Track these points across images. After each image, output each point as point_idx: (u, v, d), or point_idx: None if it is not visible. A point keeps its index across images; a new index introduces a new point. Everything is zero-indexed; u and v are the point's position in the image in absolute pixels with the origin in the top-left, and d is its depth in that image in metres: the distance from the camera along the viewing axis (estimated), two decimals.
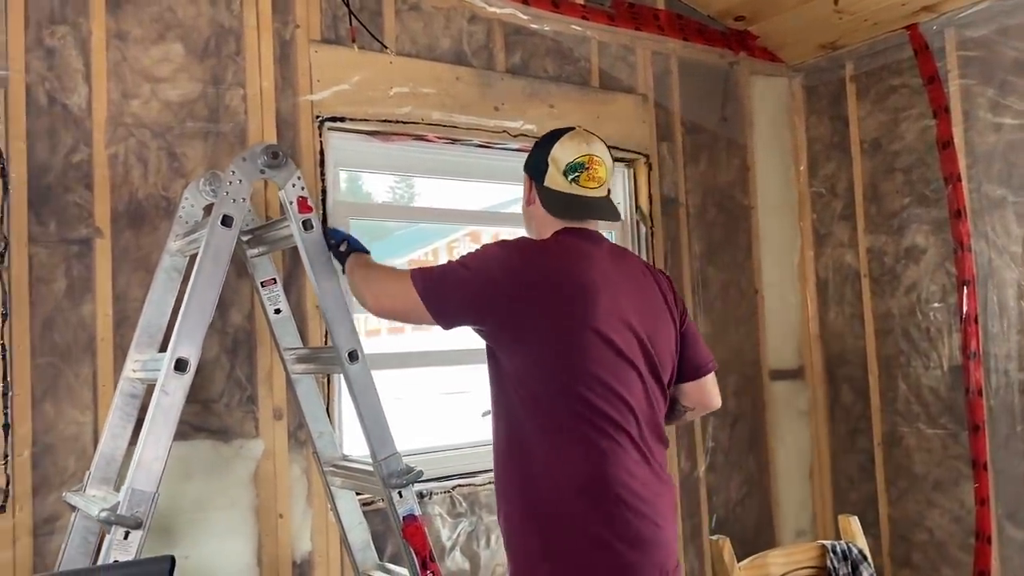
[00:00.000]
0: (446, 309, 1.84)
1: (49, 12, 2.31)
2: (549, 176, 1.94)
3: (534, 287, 1.78)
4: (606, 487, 1.74)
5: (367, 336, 3.09)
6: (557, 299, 1.77)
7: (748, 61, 3.85)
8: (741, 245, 3.77)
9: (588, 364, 1.75)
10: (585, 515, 1.74)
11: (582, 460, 1.75)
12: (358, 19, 2.79)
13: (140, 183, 2.40)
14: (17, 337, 2.20)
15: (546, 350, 1.77)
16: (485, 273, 1.81)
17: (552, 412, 1.77)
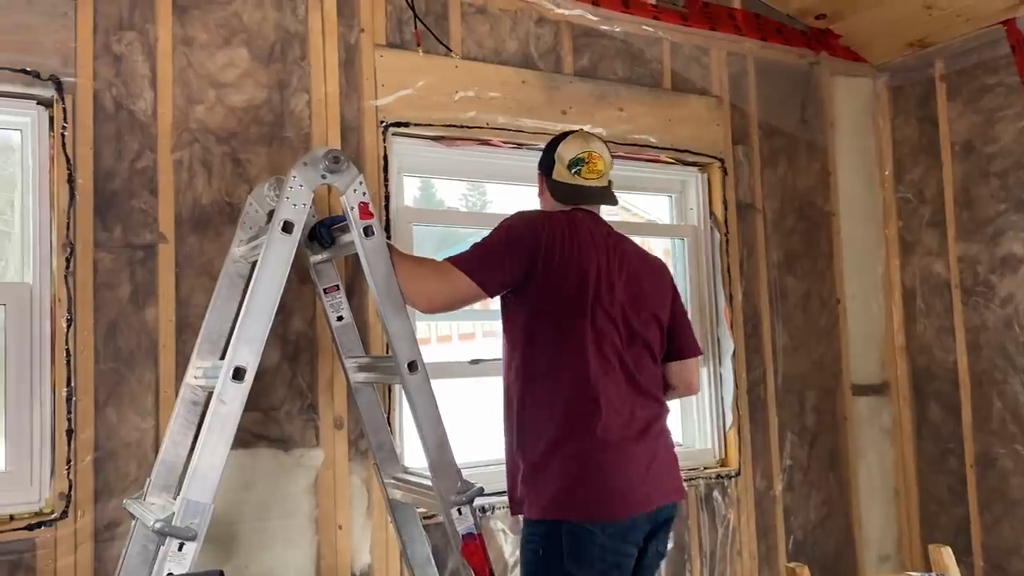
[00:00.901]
0: (493, 276, 2.07)
1: (117, 19, 2.32)
2: (556, 170, 2.28)
3: (552, 236, 2.10)
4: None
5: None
6: (567, 247, 2.09)
7: (830, 61, 3.68)
8: (822, 253, 3.59)
9: (586, 297, 2.09)
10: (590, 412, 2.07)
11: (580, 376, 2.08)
12: (423, 23, 2.74)
13: (204, 189, 2.39)
14: (81, 342, 2.20)
15: (563, 282, 2.08)
16: (515, 234, 2.10)
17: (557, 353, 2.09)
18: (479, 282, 2.06)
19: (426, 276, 2.11)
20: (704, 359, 3.30)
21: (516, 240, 2.10)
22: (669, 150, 3.24)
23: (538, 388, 2.10)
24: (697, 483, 3.16)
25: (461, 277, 2.05)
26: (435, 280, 2.09)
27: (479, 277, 2.06)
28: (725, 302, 3.31)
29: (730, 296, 3.32)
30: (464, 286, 2.06)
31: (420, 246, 2.72)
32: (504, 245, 2.09)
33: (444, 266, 2.09)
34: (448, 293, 2.09)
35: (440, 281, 2.08)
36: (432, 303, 2.12)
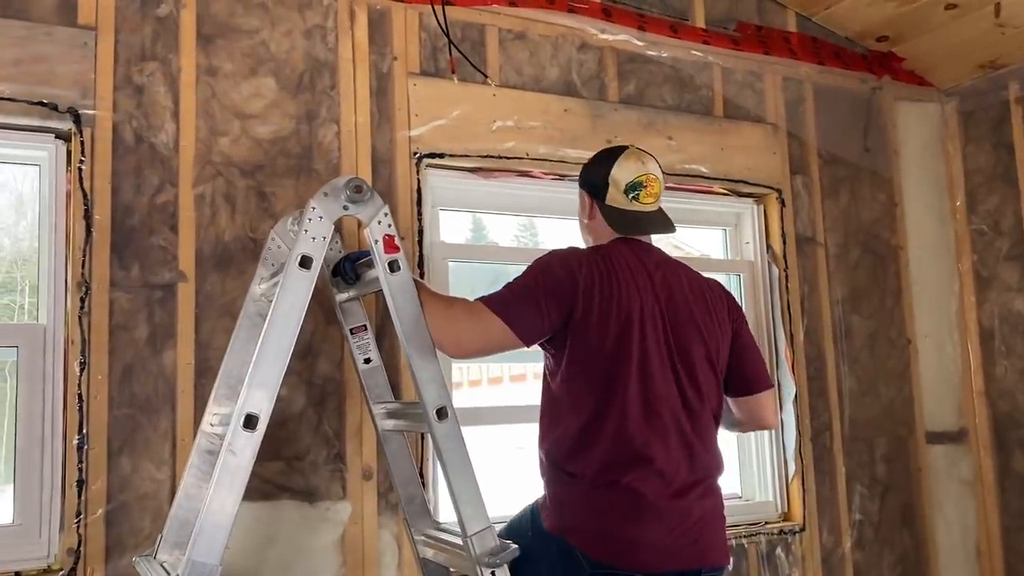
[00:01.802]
0: (530, 321, 1.89)
1: (139, 49, 2.23)
2: (610, 195, 2.07)
3: (591, 278, 1.92)
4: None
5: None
6: (607, 288, 1.91)
7: (893, 85, 3.47)
8: (890, 290, 3.34)
9: (631, 346, 1.90)
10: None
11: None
12: (459, 50, 2.61)
13: (227, 224, 2.27)
14: (95, 387, 2.08)
15: (603, 327, 1.90)
16: (552, 275, 1.92)
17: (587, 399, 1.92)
18: (514, 327, 1.87)
19: (457, 317, 1.91)
20: None
21: (553, 282, 1.91)
22: (722, 180, 3.05)
23: (571, 438, 1.91)
24: (758, 539, 2.91)
25: (494, 320, 1.87)
26: (466, 322, 1.90)
27: (515, 321, 1.87)
28: (785, 342, 3.08)
29: (791, 336, 3.08)
30: (498, 330, 1.87)
31: (472, 286, 2.56)
32: (540, 288, 1.90)
33: (476, 307, 1.90)
34: (480, 337, 1.90)
35: (471, 323, 1.89)
36: (461, 347, 1.92)
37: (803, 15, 3.32)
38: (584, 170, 2.17)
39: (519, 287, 1.93)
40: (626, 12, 2.93)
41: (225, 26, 2.34)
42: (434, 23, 2.59)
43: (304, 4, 2.45)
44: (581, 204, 2.17)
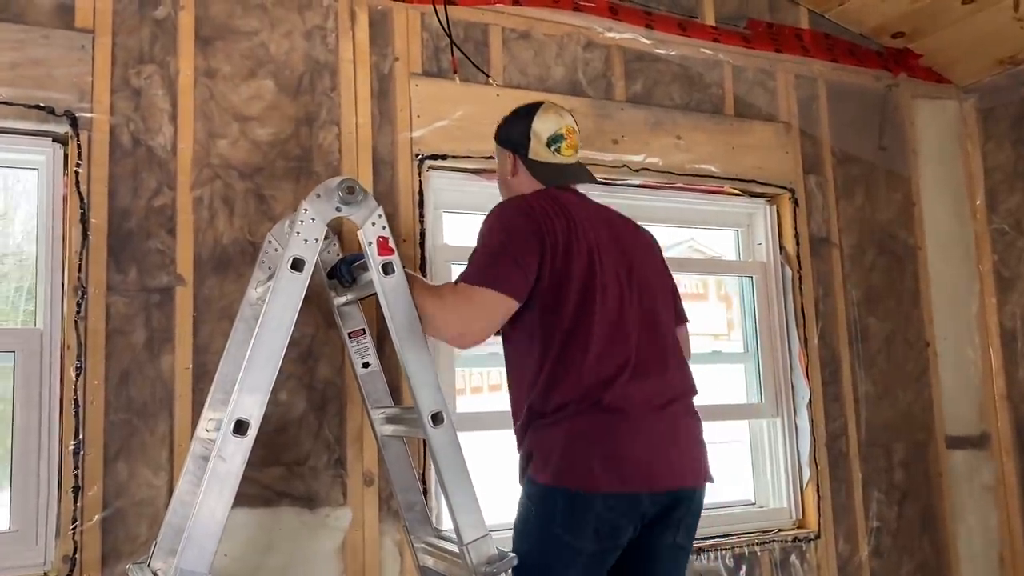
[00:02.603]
0: (519, 280, 1.86)
1: (137, 52, 2.22)
2: (532, 149, 2.09)
3: (549, 220, 1.92)
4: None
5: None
6: (565, 228, 1.92)
7: (910, 83, 3.39)
8: (907, 291, 3.26)
9: (595, 275, 1.92)
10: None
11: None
12: (461, 50, 2.57)
13: (225, 227, 2.25)
14: (91, 392, 2.06)
15: (572, 264, 1.90)
16: (517, 230, 1.90)
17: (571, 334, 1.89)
18: (510, 293, 1.84)
19: (457, 307, 1.86)
20: (777, 408, 3.00)
21: (521, 236, 1.89)
22: (733, 180, 2.99)
23: (552, 368, 1.89)
24: (772, 546, 2.84)
25: (487, 294, 1.83)
26: (469, 309, 1.85)
27: (504, 285, 1.84)
28: (799, 345, 3.01)
29: (804, 339, 3.01)
30: (494, 302, 1.84)
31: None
32: (512, 245, 1.88)
33: (464, 290, 1.85)
34: (482, 317, 1.85)
35: (469, 308, 1.85)
36: (467, 336, 1.88)
37: (816, 12, 3.25)
38: (502, 128, 2.17)
39: (491, 252, 1.89)
40: (633, 10, 2.88)
41: (224, 28, 2.32)
42: (436, 23, 2.55)
43: (304, 5, 2.42)
44: (501, 162, 2.18)
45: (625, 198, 2.82)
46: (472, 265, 1.90)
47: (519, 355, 1.98)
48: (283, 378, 2.23)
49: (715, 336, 10.32)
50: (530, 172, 2.09)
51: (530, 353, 1.92)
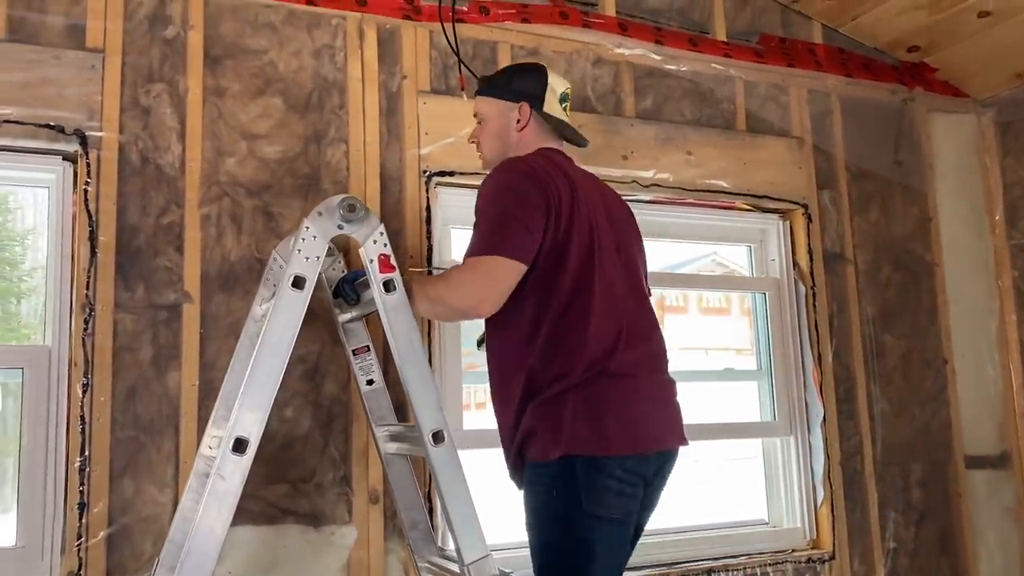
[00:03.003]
0: (526, 246, 1.85)
1: (147, 71, 2.24)
2: (547, 103, 2.09)
3: (554, 185, 1.91)
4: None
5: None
6: (563, 192, 1.92)
7: (926, 97, 3.36)
8: (924, 308, 3.21)
9: (593, 246, 1.93)
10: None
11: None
12: (468, 68, 2.58)
13: (233, 245, 2.26)
14: (98, 409, 2.07)
15: (573, 230, 1.90)
16: (523, 194, 1.88)
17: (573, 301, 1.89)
18: (518, 258, 1.83)
19: (464, 281, 1.86)
20: (791, 426, 2.96)
21: (526, 198, 1.87)
22: (745, 196, 2.97)
23: (552, 331, 1.87)
24: (785, 567, 2.80)
25: (499, 262, 1.82)
26: (476, 279, 1.84)
27: (513, 251, 1.83)
28: (813, 363, 2.97)
29: (818, 356, 2.98)
30: (506, 270, 1.83)
31: None
32: (518, 208, 1.86)
33: (474, 262, 1.85)
34: (495, 286, 1.83)
35: (481, 278, 1.83)
36: (483, 302, 1.84)
37: (829, 26, 3.23)
38: (511, 80, 2.13)
39: (496, 217, 1.88)
40: (643, 26, 2.88)
41: (233, 47, 2.35)
42: (445, 41, 2.56)
43: (313, 24, 2.44)
44: (500, 114, 2.11)
45: (635, 213, 2.79)
46: (477, 235, 1.89)
47: (508, 322, 1.92)
48: (289, 395, 2.24)
49: (737, 351, 10.13)
50: (541, 126, 2.09)
51: (523, 318, 1.89)
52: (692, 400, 3.33)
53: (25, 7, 2.14)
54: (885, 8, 3.08)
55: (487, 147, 2.14)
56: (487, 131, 2.13)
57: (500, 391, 1.96)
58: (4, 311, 2.48)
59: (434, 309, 1.97)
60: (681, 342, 20.62)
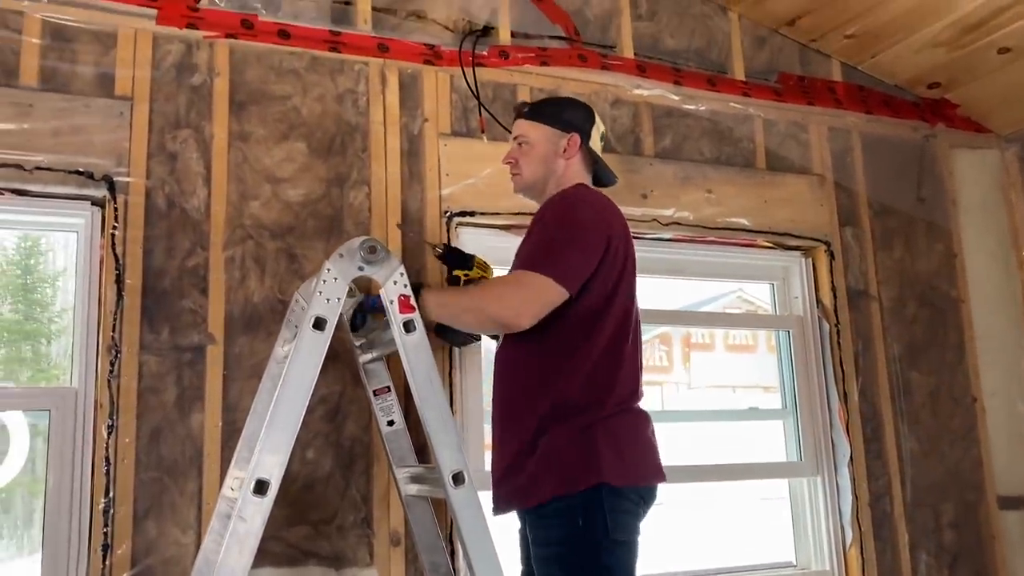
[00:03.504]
0: (577, 277, 1.92)
1: (174, 117, 2.29)
2: (592, 140, 2.17)
3: (612, 227, 2.00)
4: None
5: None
6: (621, 238, 2.01)
7: (947, 133, 3.35)
8: (951, 345, 3.17)
9: (627, 287, 2.03)
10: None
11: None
12: (488, 111, 2.62)
13: (256, 286, 2.29)
14: (123, 450, 2.09)
15: (615, 271, 1.98)
16: (584, 226, 1.96)
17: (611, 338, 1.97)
18: (566, 284, 1.89)
19: (509, 292, 1.94)
20: (817, 465, 2.93)
21: (588, 230, 1.95)
22: (766, 233, 2.96)
23: (591, 365, 1.93)
24: None
25: (548, 283, 1.88)
26: (521, 292, 1.91)
27: (564, 279, 1.89)
28: (839, 401, 2.94)
29: (844, 394, 2.94)
30: (551, 292, 1.89)
31: None
32: (579, 238, 1.94)
33: (522, 276, 1.92)
34: (537, 304, 1.89)
35: (527, 292, 1.89)
36: (521, 315, 1.89)
37: (848, 64, 3.24)
38: (563, 110, 2.19)
39: (558, 243, 1.94)
40: (661, 67, 2.91)
41: (258, 93, 2.40)
42: (465, 85, 2.60)
43: (336, 70, 2.49)
44: (547, 140, 2.14)
45: (656, 252, 2.81)
46: (532, 252, 1.95)
47: (545, 343, 1.94)
48: (310, 436, 2.25)
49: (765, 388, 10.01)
50: (583, 160, 2.15)
51: (563, 343, 1.94)
52: (718, 439, 3.31)
53: (57, 57, 2.21)
54: (904, 46, 3.09)
55: (529, 170, 2.16)
56: (532, 154, 2.15)
57: (516, 405, 1.97)
58: (35, 352, 2.52)
59: (468, 316, 2.02)
60: (708, 380, 20.42)
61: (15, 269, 2.53)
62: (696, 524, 10.03)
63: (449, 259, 2.26)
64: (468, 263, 2.24)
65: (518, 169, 2.17)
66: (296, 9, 2.47)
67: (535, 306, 1.89)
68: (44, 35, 2.20)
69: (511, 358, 2.03)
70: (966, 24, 2.92)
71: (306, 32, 2.45)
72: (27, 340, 2.52)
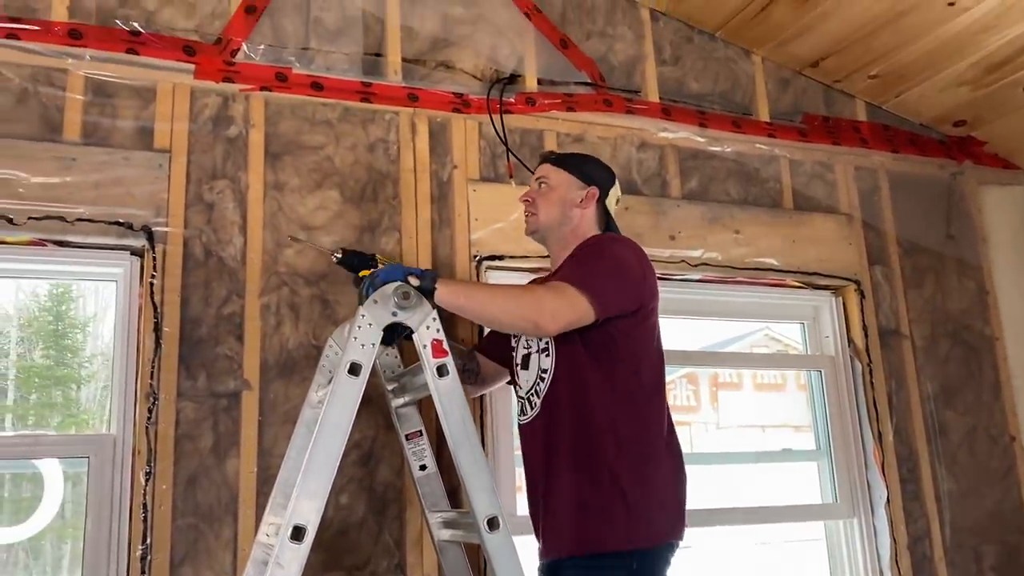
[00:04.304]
0: (611, 300, 1.97)
1: (211, 169, 2.35)
2: (609, 198, 2.24)
3: (650, 271, 2.08)
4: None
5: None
6: (654, 287, 2.09)
7: (975, 170, 3.34)
8: (986, 383, 3.13)
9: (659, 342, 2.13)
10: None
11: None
12: (516, 156, 2.66)
13: (291, 332, 2.32)
14: (160, 496, 2.11)
15: (654, 326, 2.09)
16: (630, 267, 2.03)
17: (656, 381, 2.05)
18: (597, 307, 1.93)
19: (547, 298, 1.95)
20: (853, 507, 2.88)
21: (631, 273, 2.02)
22: (795, 273, 2.96)
23: (634, 411, 1.99)
24: None
25: (583, 300, 1.92)
26: (557, 299, 1.93)
27: (598, 301, 1.93)
28: (874, 442, 2.90)
29: (879, 435, 2.91)
30: (584, 310, 1.93)
31: None
32: (623, 276, 2.01)
33: (562, 287, 1.95)
34: (568, 316, 1.93)
35: (562, 301, 1.93)
36: (556, 319, 1.92)
37: (873, 104, 3.26)
38: (587, 164, 2.25)
39: (602, 270, 2.00)
40: (686, 110, 2.94)
41: (292, 143, 2.45)
42: (493, 131, 2.65)
43: (367, 119, 2.54)
44: (567, 188, 2.19)
45: (685, 292, 2.82)
46: (575, 270, 2.01)
47: (606, 382, 1.99)
48: (344, 480, 2.26)
49: (795, 428, 9.87)
50: (595, 215, 2.21)
51: (627, 388, 1.99)
52: (748, 481, 3.27)
53: (99, 112, 2.28)
54: (928, 85, 3.10)
55: (545, 211, 2.18)
56: (551, 197, 2.19)
57: (579, 448, 1.97)
58: (65, 397, 2.56)
59: (494, 309, 1.97)
60: (737, 419, 20.15)
61: (47, 315, 2.58)
62: (729, 569, 9.84)
63: (353, 262, 2.15)
64: (372, 260, 2.15)
65: (534, 209, 2.19)
66: (329, 62, 2.54)
67: (569, 315, 1.93)
68: (87, 91, 2.28)
69: (567, 400, 2.01)
70: (990, 63, 2.93)
71: (338, 84, 2.51)
72: (58, 385, 2.56)
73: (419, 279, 1.90)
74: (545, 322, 1.92)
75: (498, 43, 2.76)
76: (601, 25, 2.92)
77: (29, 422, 2.51)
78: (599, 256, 2.05)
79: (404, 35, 2.64)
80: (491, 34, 2.75)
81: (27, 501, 2.31)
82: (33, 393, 2.57)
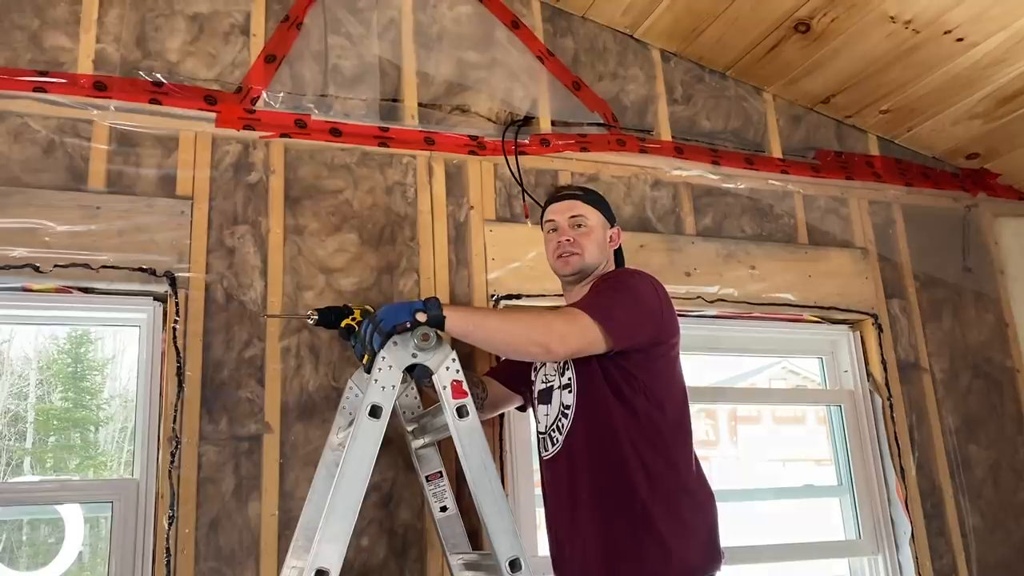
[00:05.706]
0: (626, 330, 1.96)
1: (232, 214, 2.39)
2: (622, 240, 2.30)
3: (668, 309, 2.08)
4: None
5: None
6: (674, 321, 2.10)
7: (990, 202, 3.35)
8: (1009, 416, 3.11)
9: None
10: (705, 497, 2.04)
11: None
12: (532, 196, 2.69)
13: (311, 375, 2.34)
14: (182, 540, 2.12)
15: (675, 361, 2.09)
16: (650, 301, 2.04)
17: (680, 416, 2.05)
18: (611, 336, 1.93)
19: (556, 321, 1.96)
20: (877, 544, 2.85)
21: (651, 308, 2.03)
22: (812, 308, 2.96)
23: (661, 446, 1.99)
24: None
25: (596, 329, 1.92)
26: (568, 325, 1.93)
27: (612, 330, 1.93)
28: (896, 477, 2.88)
29: (901, 470, 2.89)
30: (596, 339, 1.93)
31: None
32: (642, 309, 2.01)
33: (571, 311, 1.96)
34: (582, 337, 1.92)
35: (573, 324, 1.92)
36: (566, 342, 1.92)
37: (885, 138, 3.28)
38: (606, 203, 2.28)
39: (620, 300, 2.00)
40: (699, 148, 2.97)
41: (311, 188, 2.49)
42: (508, 172, 2.68)
43: (385, 163, 2.59)
44: (604, 227, 2.22)
45: (701, 329, 2.82)
46: (593, 299, 2.01)
47: (635, 421, 1.98)
48: (364, 523, 2.26)
49: (816, 461, 9.75)
50: (617, 256, 2.27)
51: (654, 423, 1.99)
52: (768, 516, 3.24)
53: (123, 161, 2.33)
54: (940, 119, 3.12)
55: (590, 252, 2.16)
56: (592, 237, 2.18)
57: (613, 487, 1.96)
58: (83, 439, 2.58)
59: (503, 335, 1.95)
60: (757, 453, 19.98)
61: (65, 358, 2.61)
62: None
63: (330, 317, 2.12)
64: (348, 310, 2.13)
65: (577, 249, 2.14)
66: (347, 108, 2.59)
67: (579, 340, 1.92)
68: (111, 141, 2.33)
69: (592, 437, 2.00)
70: (1001, 96, 2.95)
71: (356, 129, 2.56)
72: (76, 428, 2.59)
73: (425, 312, 1.88)
74: (555, 345, 1.92)
75: (512, 87, 2.81)
76: (613, 67, 2.97)
77: (48, 465, 2.53)
78: (617, 288, 2.05)
79: (420, 80, 2.70)
80: (505, 78, 2.80)
81: (45, 545, 2.32)
82: (52, 435, 2.60)
